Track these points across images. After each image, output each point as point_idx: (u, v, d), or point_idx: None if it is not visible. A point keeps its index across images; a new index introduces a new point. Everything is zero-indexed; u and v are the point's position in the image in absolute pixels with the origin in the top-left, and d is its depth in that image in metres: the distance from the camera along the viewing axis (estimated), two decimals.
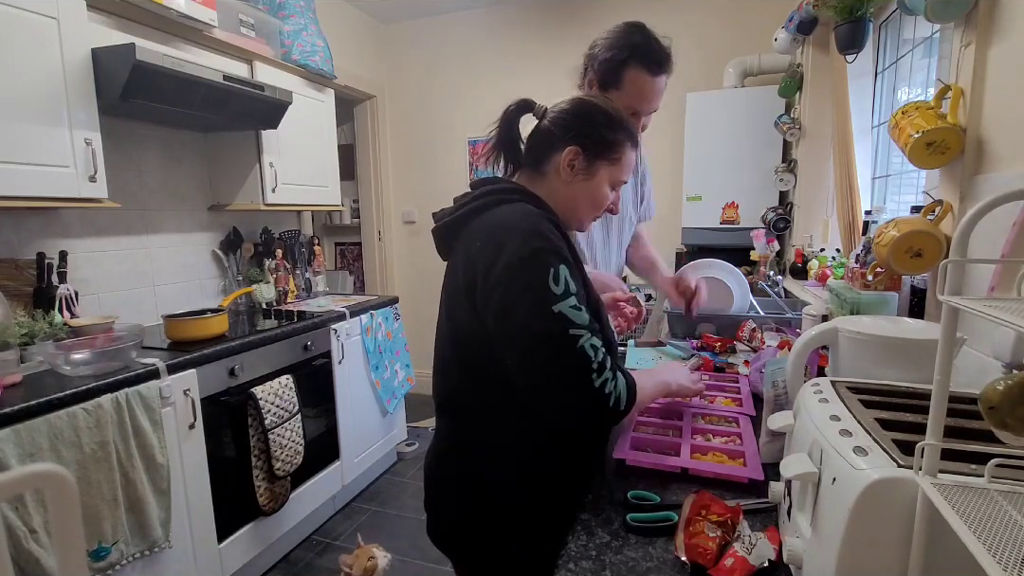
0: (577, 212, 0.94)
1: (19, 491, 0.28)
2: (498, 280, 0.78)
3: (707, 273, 1.85)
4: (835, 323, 0.88)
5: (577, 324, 0.76)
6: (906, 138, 1.12)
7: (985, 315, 0.42)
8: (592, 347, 0.76)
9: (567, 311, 0.76)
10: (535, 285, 0.76)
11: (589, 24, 3.33)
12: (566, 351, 0.75)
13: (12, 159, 1.50)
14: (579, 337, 0.76)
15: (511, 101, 0.93)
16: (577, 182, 0.91)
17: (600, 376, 0.76)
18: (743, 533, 0.70)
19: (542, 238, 0.79)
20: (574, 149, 0.88)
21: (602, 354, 0.77)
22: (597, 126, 0.90)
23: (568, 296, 0.76)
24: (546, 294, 0.75)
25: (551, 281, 0.76)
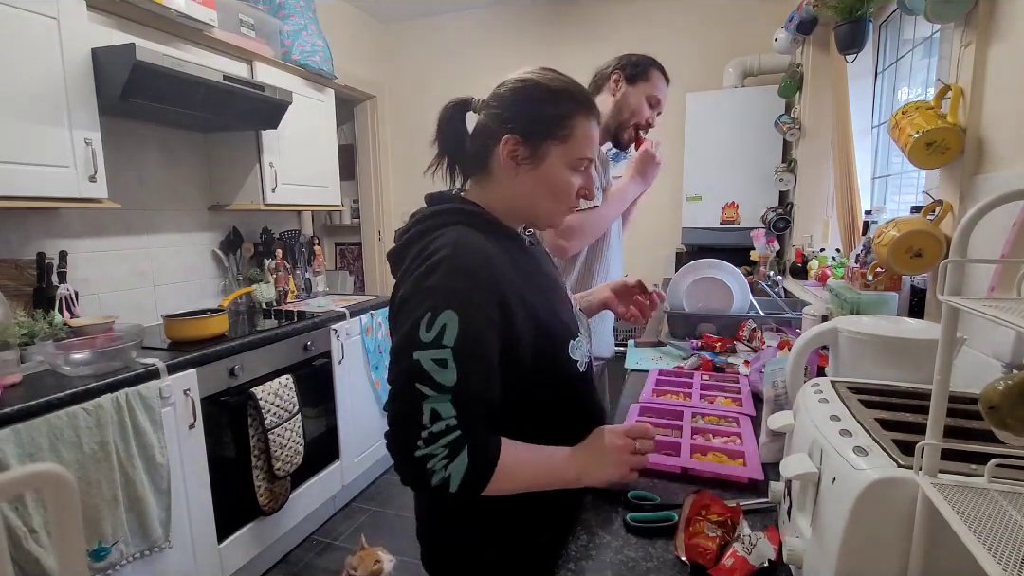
0: (537, 208, 0.84)
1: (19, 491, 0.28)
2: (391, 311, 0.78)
3: (707, 273, 1.85)
4: (835, 323, 0.88)
5: (430, 380, 0.68)
6: (906, 138, 1.12)
7: (985, 315, 0.42)
8: (434, 413, 0.68)
9: (425, 362, 0.68)
10: (410, 323, 0.70)
11: (588, 24, 3.33)
12: (402, 403, 0.70)
13: (12, 159, 1.50)
14: (422, 396, 0.68)
15: None
16: (525, 174, 0.81)
17: (426, 447, 0.67)
18: (743, 533, 0.70)
19: (444, 276, 0.71)
20: (511, 138, 0.79)
21: (443, 426, 0.68)
22: (533, 103, 0.80)
23: (436, 348, 0.68)
24: (413, 337, 0.69)
25: (423, 325, 0.69)
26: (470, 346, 0.70)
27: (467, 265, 0.73)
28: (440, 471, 0.68)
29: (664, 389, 1.25)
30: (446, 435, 0.68)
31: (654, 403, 1.16)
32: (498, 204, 0.84)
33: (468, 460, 0.69)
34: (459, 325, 0.69)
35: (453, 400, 0.68)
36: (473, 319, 0.70)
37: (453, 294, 0.70)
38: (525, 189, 0.82)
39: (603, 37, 3.29)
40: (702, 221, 2.94)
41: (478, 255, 0.75)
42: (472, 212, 0.82)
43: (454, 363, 0.69)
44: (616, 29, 3.27)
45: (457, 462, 0.68)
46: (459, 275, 0.72)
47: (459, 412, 0.69)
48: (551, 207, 0.84)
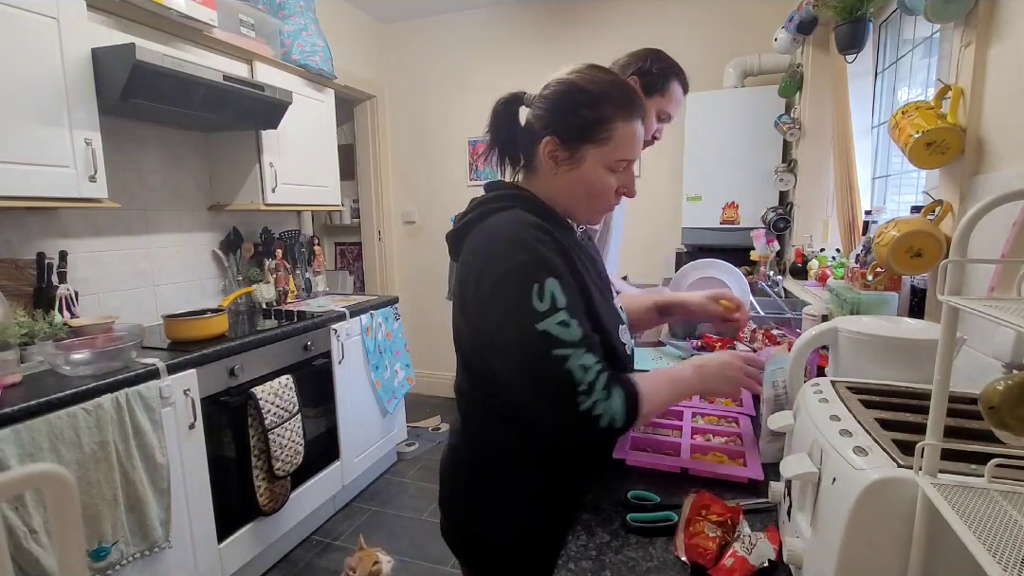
0: (577, 206, 0.88)
1: (19, 491, 0.28)
2: (488, 296, 0.77)
3: (707, 273, 1.85)
4: (835, 323, 0.88)
5: (564, 342, 0.72)
6: (906, 138, 1.12)
7: (985, 315, 0.42)
8: (582, 367, 0.73)
9: (552, 329, 0.72)
10: (520, 302, 0.73)
11: (589, 24, 3.33)
12: (550, 372, 0.73)
13: (12, 159, 1.50)
14: (565, 358, 0.72)
15: None
16: (564, 174, 0.84)
17: (589, 398, 0.72)
18: (743, 533, 0.70)
19: (528, 251, 0.76)
20: (550, 140, 0.82)
21: (594, 373, 0.73)
22: (574, 107, 0.82)
23: (554, 312, 0.73)
24: (529, 313, 0.73)
25: (535, 298, 0.73)
26: (575, 302, 0.77)
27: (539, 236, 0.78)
28: (606, 412, 0.74)
29: None
30: (598, 380, 0.74)
31: None
32: (545, 197, 0.88)
33: (623, 394, 0.75)
34: (561, 287, 0.75)
35: (587, 349, 0.74)
36: (567, 280, 0.77)
37: (546, 262, 0.76)
38: (564, 188, 0.86)
39: (603, 37, 3.29)
40: (702, 221, 2.94)
41: (542, 228, 0.80)
42: (527, 198, 0.86)
43: (573, 319, 0.74)
44: (616, 29, 3.27)
45: (614, 398, 0.75)
46: (542, 246, 0.77)
47: (596, 356, 0.75)
48: (588, 206, 0.88)
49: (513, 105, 0.88)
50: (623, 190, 0.87)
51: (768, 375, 0.97)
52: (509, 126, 0.88)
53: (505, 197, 0.86)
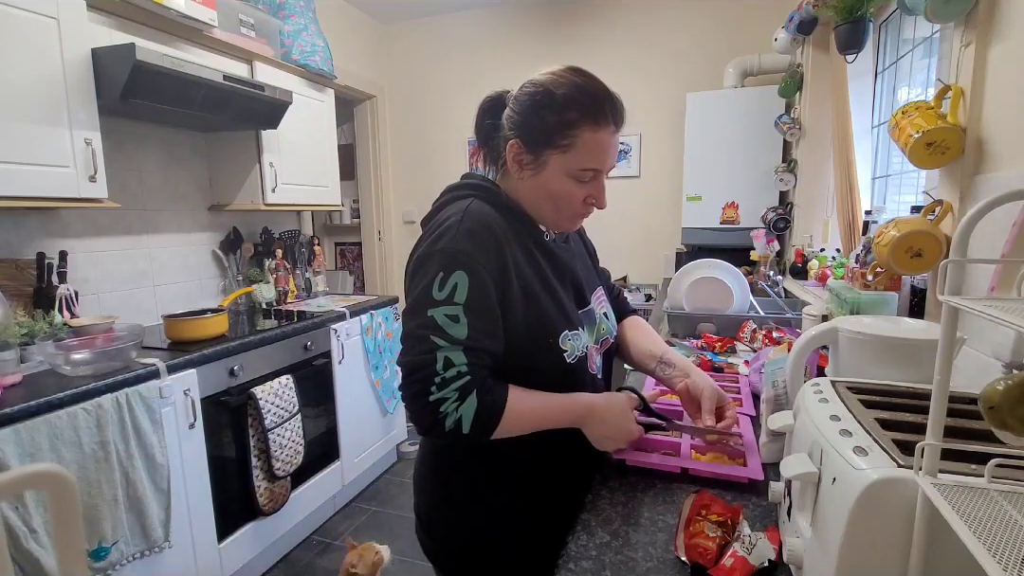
0: (541, 212, 0.86)
1: (19, 491, 0.28)
2: (409, 273, 0.82)
3: (707, 273, 1.85)
4: (835, 323, 0.88)
5: (444, 333, 0.74)
6: (906, 138, 1.12)
7: (985, 315, 0.42)
8: (447, 360, 0.74)
9: (439, 318, 0.75)
10: (424, 284, 0.77)
11: (589, 23, 3.33)
12: (418, 355, 0.75)
13: (12, 159, 1.50)
14: (438, 347, 0.74)
15: None
16: (528, 178, 0.84)
17: (439, 392, 0.74)
18: (743, 533, 0.70)
19: (450, 239, 0.77)
20: (515, 142, 0.82)
21: (455, 372, 0.74)
22: (538, 110, 0.80)
23: (448, 304, 0.75)
24: (427, 297, 0.76)
25: (436, 285, 0.75)
26: (478, 303, 0.76)
27: (473, 229, 0.78)
28: (452, 413, 0.74)
29: (665, 389, 1.25)
30: (457, 380, 0.74)
31: (654, 403, 1.16)
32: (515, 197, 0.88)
33: (477, 402, 0.75)
34: (468, 284, 0.76)
35: (464, 350, 0.75)
36: (480, 278, 0.77)
37: (462, 255, 0.76)
38: (528, 193, 0.86)
39: (603, 37, 3.30)
40: (702, 221, 2.94)
41: (483, 222, 0.80)
42: (489, 189, 0.87)
43: (465, 318, 0.75)
44: (616, 29, 3.27)
45: (467, 404, 0.75)
46: (467, 238, 0.77)
47: (469, 360, 0.75)
48: (553, 213, 0.87)
49: (497, 104, 0.87)
50: (591, 200, 0.85)
51: (768, 375, 0.97)
52: (491, 126, 0.87)
53: (468, 187, 0.87)
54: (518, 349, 0.81)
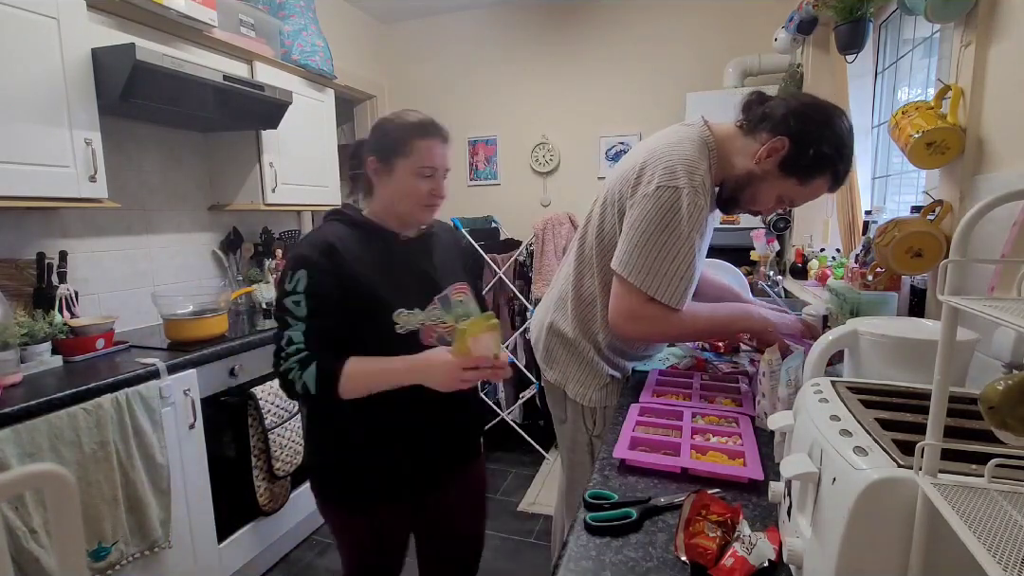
0: (400, 206, 1.14)
1: (19, 491, 0.28)
2: None
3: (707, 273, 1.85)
4: (854, 326, 0.87)
5: (292, 315, 1.04)
6: (906, 138, 1.12)
7: (985, 315, 0.42)
8: (289, 338, 1.04)
9: (288, 303, 1.05)
10: (282, 280, 1.07)
11: (589, 23, 3.33)
12: (278, 332, 1.06)
13: (12, 159, 1.50)
14: (287, 325, 1.05)
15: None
16: (385, 184, 1.14)
17: (285, 362, 1.04)
18: (743, 533, 0.70)
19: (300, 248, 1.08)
20: (371, 159, 1.13)
21: (294, 348, 1.04)
22: (382, 133, 1.13)
23: (293, 294, 1.04)
24: (281, 288, 1.06)
25: (287, 280, 1.05)
26: (315, 291, 1.05)
27: (313, 240, 1.09)
28: (298, 380, 1.03)
29: (664, 389, 1.25)
30: (296, 354, 1.04)
31: (654, 403, 1.16)
32: (378, 209, 1.17)
33: (316, 369, 1.03)
34: (307, 278, 1.05)
35: (304, 329, 1.04)
36: (315, 273, 1.05)
37: (301, 258, 1.06)
38: (387, 195, 1.14)
39: (603, 37, 3.30)
40: None
41: (322, 234, 1.11)
42: (344, 212, 1.16)
43: (305, 302, 1.04)
44: (616, 29, 3.27)
45: (308, 371, 1.03)
46: (307, 246, 1.08)
47: (307, 337, 1.04)
48: (408, 206, 1.14)
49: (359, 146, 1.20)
50: (434, 192, 1.13)
51: (783, 374, 0.97)
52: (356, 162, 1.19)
53: (330, 213, 1.17)
54: (360, 322, 1.08)
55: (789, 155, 1.10)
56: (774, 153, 1.10)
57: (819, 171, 1.11)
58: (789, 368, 0.97)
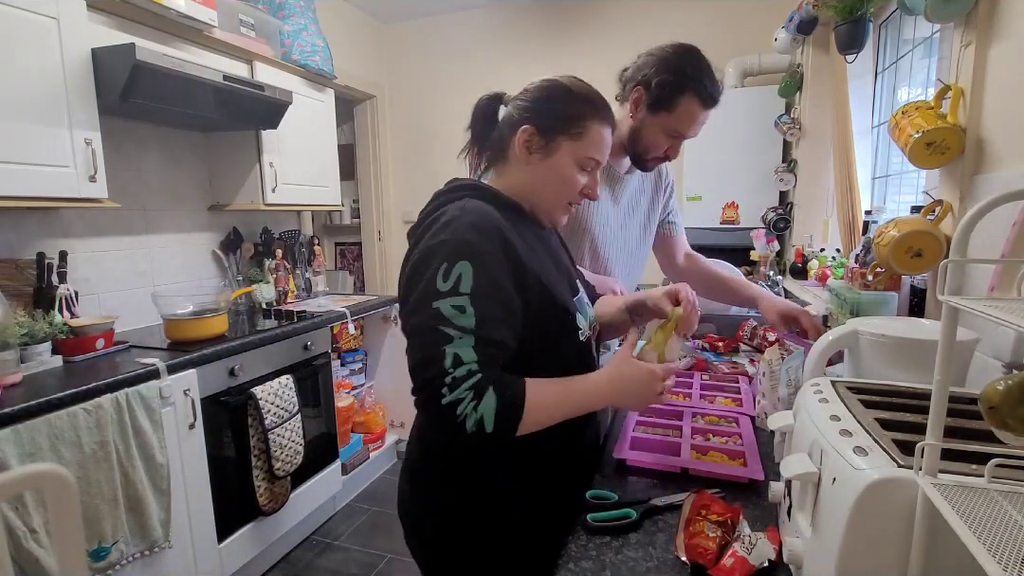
0: (541, 197, 0.89)
1: (19, 491, 0.28)
2: (409, 272, 0.80)
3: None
4: (854, 326, 0.87)
5: (452, 324, 0.72)
6: (906, 138, 1.12)
7: (985, 315, 0.42)
8: (455, 356, 0.71)
9: (445, 309, 0.72)
10: (426, 277, 0.75)
11: (589, 24, 3.33)
12: (425, 347, 0.72)
13: (12, 159, 1.50)
14: (447, 339, 0.71)
15: None
16: (536, 163, 0.87)
17: (452, 393, 0.69)
18: (743, 533, 0.70)
19: (451, 231, 0.76)
20: (528, 128, 0.85)
21: (465, 370, 0.70)
22: (554, 101, 0.87)
23: (454, 295, 0.72)
24: (431, 290, 0.73)
25: (440, 277, 0.73)
26: (486, 292, 0.74)
27: (475, 221, 0.78)
28: (472, 414, 0.70)
29: None
30: (468, 379, 0.70)
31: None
32: (511, 189, 0.90)
33: (496, 398, 0.71)
34: (473, 273, 0.74)
35: (474, 344, 0.72)
36: (486, 267, 0.75)
37: (465, 245, 0.75)
38: (533, 178, 0.88)
39: (603, 37, 3.29)
40: (702, 221, 2.93)
41: (484, 214, 0.80)
42: (479, 187, 0.88)
43: (472, 308, 0.72)
44: (616, 29, 3.27)
45: (486, 401, 0.71)
46: (469, 230, 0.76)
47: (479, 356, 0.72)
48: (552, 199, 0.90)
49: (495, 103, 0.93)
50: (587, 191, 0.90)
51: (783, 374, 0.97)
52: (487, 122, 0.93)
53: (460, 188, 0.88)
54: (540, 333, 0.82)
55: (648, 97, 1.23)
56: (638, 103, 1.25)
57: (676, 96, 1.20)
58: (789, 368, 0.97)
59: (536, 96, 0.88)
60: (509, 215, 0.85)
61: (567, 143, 0.86)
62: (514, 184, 0.90)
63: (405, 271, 0.82)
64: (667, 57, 1.21)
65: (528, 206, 0.90)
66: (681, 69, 1.19)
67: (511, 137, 0.88)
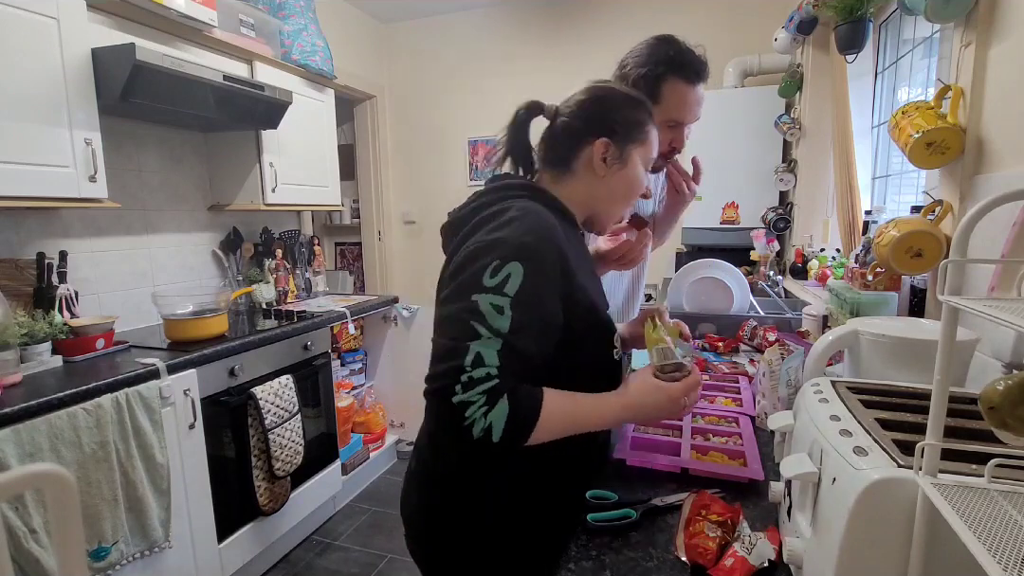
0: (610, 207, 0.89)
1: (19, 491, 0.28)
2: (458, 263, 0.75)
3: (707, 273, 1.85)
4: (854, 326, 0.87)
5: (485, 321, 0.68)
6: (906, 138, 1.12)
7: (985, 315, 0.42)
8: (478, 356, 0.67)
9: (483, 305, 0.69)
10: (474, 269, 0.71)
11: (589, 24, 3.33)
12: (451, 337, 0.69)
13: (12, 159, 1.50)
14: (474, 335, 0.67)
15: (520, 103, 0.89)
16: (614, 173, 0.86)
17: (463, 393, 0.66)
18: (743, 533, 0.70)
19: (515, 230, 0.73)
20: (605, 141, 0.84)
21: (483, 372, 0.66)
22: (620, 109, 0.87)
23: (497, 294, 0.69)
24: (475, 282, 0.70)
25: (488, 272, 0.70)
26: (529, 299, 0.70)
27: (537, 225, 0.75)
28: (480, 420, 0.66)
29: None
30: (485, 382, 0.67)
31: None
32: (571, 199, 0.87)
33: (508, 407, 0.67)
34: (523, 277, 0.70)
35: (500, 348, 0.68)
36: (537, 274, 0.72)
37: (522, 247, 0.72)
38: (608, 190, 0.88)
39: (603, 36, 3.29)
40: (702, 221, 2.93)
41: (546, 220, 0.77)
42: (540, 190, 0.86)
43: (510, 311, 0.69)
44: (616, 29, 3.27)
45: (497, 410, 0.67)
46: (529, 232, 0.73)
47: (503, 361, 0.68)
48: (622, 206, 0.91)
49: (533, 113, 0.89)
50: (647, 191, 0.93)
51: (783, 374, 0.97)
52: (524, 134, 0.90)
53: (514, 187, 0.84)
54: (582, 348, 0.81)
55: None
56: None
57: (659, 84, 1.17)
58: (789, 368, 0.97)
59: (600, 106, 0.87)
60: (563, 222, 0.83)
61: (637, 150, 0.87)
62: (579, 195, 0.88)
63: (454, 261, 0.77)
64: (640, 52, 1.22)
65: (589, 215, 0.90)
66: (654, 58, 1.18)
67: (580, 150, 0.86)
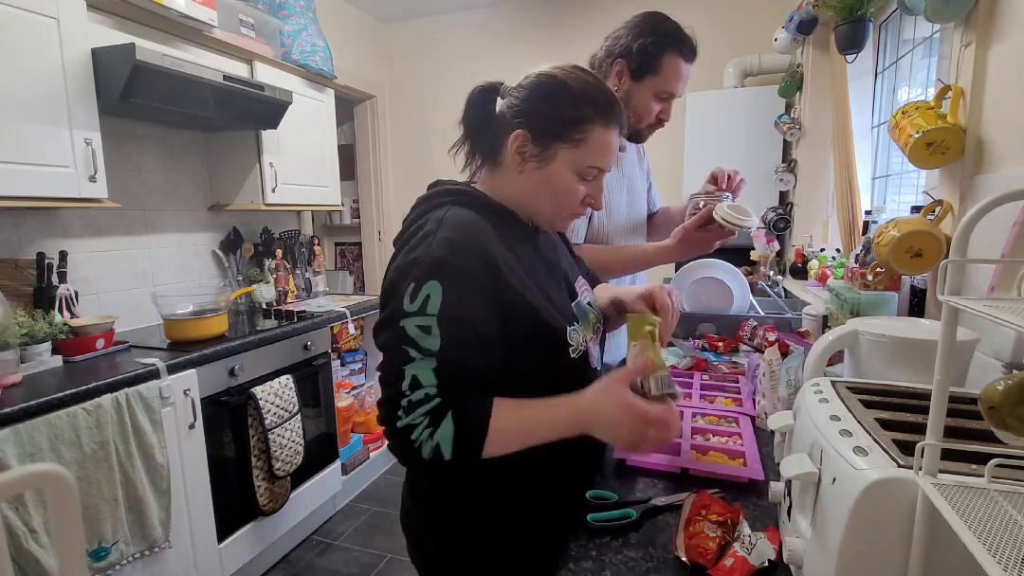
0: (538, 207, 0.82)
1: (19, 491, 0.28)
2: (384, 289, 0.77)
3: (707, 273, 1.85)
4: (854, 326, 0.87)
5: (416, 345, 0.68)
6: (906, 138, 1.12)
7: (985, 315, 0.42)
8: (414, 379, 0.68)
9: (411, 329, 0.69)
10: (396, 295, 0.71)
11: (588, 23, 3.33)
12: (390, 368, 0.70)
13: (12, 159, 1.50)
14: (408, 360, 0.68)
15: None
16: (530, 171, 0.79)
17: (406, 417, 0.67)
18: (743, 533, 0.70)
19: (428, 248, 0.71)
20: (521, 133, 0.77)
21: (422, 394, 0.67)
22: (552, 101, 0.77)
23: (420, 316, 0.69)
24: (398, 306, 0.70)
25: (407, 296, 0.70)
26: (455, 313, 0.69)
27: (451, 237, 0.73)
28: (427, 441, 0.67)
29: None
30: (425, 403, 0.68)
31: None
32: (504, 195, 0.83)
33: (454, 426, 0.67)
34: (443, 294, 0.69)
35: (436, 368, 0.68)
36: (459, 287, 0.70)
37: (436, 264, 0.70)
38: (527, 187, 0.81)
39: (603, 37, 3.29)
40: None
41: (464, 227, 0.74)
42: (463, 192, 0.82)
43: (438, 329, 0.68)
44: (616, 29, 3.27)
45: (442, 429, 0.67)
46: (443, 246, 0.72)
47: (440, 379, 0.68)
48: (551, 210, 0.83)
49: (490, 94, 0.83)
50: (589, 200, 0.82)
51: (783, 374, 0.97)
52: (482, 116, 0.83)
53: (440, 194, 0.82)
54: (526, 357, 0.76)
55: (631, 64, 1.29)
56: (621, 75, 1.31)
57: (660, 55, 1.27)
58: (789, 368, 0.97)
59: (530, 95, 0.79)
60: (498, 222, 0.80)
61: (565, 151, 0.78)
62: (507, 190, 0.83)
63: (382, 286, 0.79)
64: (638, 23, 1.32)
65: (524, 213, 0.84)
66: (657, 30, 1.28)
67: (504, 140, 0.80)
